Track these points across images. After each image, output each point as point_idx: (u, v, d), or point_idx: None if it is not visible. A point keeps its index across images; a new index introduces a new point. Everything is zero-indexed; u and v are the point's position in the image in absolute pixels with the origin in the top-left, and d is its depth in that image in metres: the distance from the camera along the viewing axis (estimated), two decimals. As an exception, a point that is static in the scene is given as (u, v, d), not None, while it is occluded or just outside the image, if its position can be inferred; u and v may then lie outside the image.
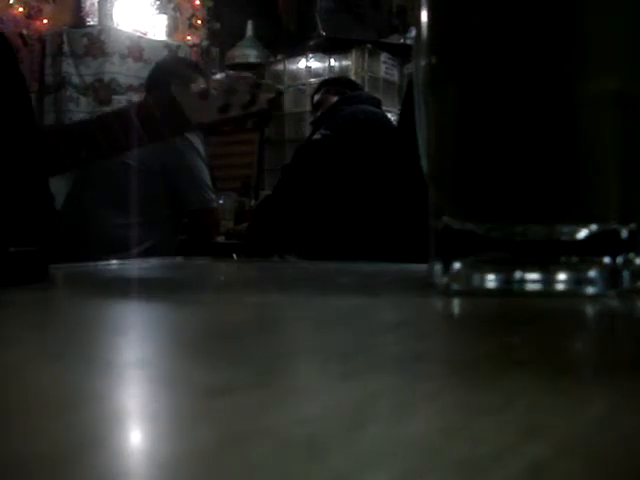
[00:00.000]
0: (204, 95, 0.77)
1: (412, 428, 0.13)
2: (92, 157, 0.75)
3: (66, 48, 3.42)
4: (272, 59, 3.99)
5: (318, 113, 2.19)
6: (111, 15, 3.59)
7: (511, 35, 0.34)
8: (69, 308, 0.35)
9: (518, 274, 0.34)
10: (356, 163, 1.88)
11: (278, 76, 3.90)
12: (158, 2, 3.86)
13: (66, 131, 0.75)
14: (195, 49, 4.03)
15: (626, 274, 0.34)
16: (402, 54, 3.74)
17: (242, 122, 0.84)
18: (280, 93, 0.78)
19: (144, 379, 0.18)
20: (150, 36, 3.76)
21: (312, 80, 3.64)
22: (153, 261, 0.70)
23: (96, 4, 3.58)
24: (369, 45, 3.68)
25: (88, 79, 3.46)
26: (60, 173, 0.79)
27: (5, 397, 0.16)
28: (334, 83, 2.30)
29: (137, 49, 3.61)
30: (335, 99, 2.13)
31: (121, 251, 1.72)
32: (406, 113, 1.32)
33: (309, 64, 3.83)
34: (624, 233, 0.34)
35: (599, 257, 0.34)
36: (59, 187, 1.68)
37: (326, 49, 3.77)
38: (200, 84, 2.12)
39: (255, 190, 3.07)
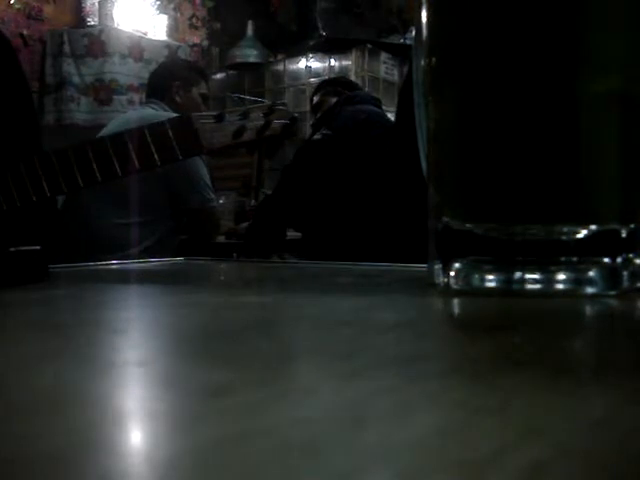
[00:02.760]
0: (219, 118, 0.76)
1: (412, 428, 0.13)
2: (106, 179, 0.75)
3: (67, 48, 3.42)
4: (272, 59, 3.99)
5: (318, 115, 2.19)
6: (111, 15, 3.59)
7: (512, 35, 0.34)
8: (69, 308, 0.35)
9: (518, 274, 0.34)
10: (357, 163, 1.88)
11: (278, 76, 3.90)
12: (158, 2, 3.86)
13: (80, 149, 0.75)
14: (195, 49, 4.03)
15: (626, 274, 0.34)
16: (402, 54, 3.74)
17: (253, 147, 0.84)
18: (294, 119, 0.77)
19: (144, 379, 0.18)
20: (151, 36, 3.75)
21: (312, 80, 3.64)
22: (153, 261, 0.70)
23: (97, 4, 3.58)
24: (369, 45, 3.68)
25: (89, 79, 3.46)
26: (72, 192, 0.79)
27: (5, 397, 0.16)
28: (332, 84, 2.29)
29: (138, 49, 3.61)
30: (334, 100, 2.12)
31: (121, 251, 1.72)
32: (402, 111, 1.32)
33: (309, 64, 3.83)
34: (624, 233, 0.34)
35: (599, 257, 0.34)
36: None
37: (326, 49, 3.76)
38: (202, 87, 2.12)
39: (255, 190, 3.07)
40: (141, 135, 0.75)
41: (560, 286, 0.33)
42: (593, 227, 0.34)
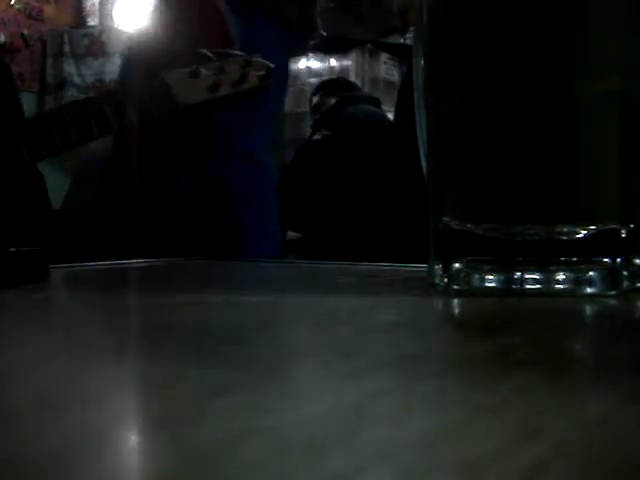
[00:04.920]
0: (194, 74, 0.76)
1: (412, 428, 0.13)
2: (83, 140, 0.75)
3: (67, 48, 3.42)
4: (272, 59, 3.99)
5: (317, 115, 2.19)
6: (112, 15, 3.59)
7: (511, 35, 0.34)
8: (69, 308, 0.35)
9: (518, 274, 0.34)
10: (356, 163, 1.88)
11: (278, 76, 3.89)
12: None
13: (57, 114, 0.75)
14: (195, 49, 4.03)
15: (626, 274, 0.34)
16: (402, 54, 3.74)
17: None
18: (271, 71, 0.77)
19: (144, 379, 0.18)
20: (150, 36, 3.75)
21: (312, 80, 3.64)
22: (153, 261, 0.70)
23: (97, 4, 3.58)
24: (369, 45, 3.68)
25: (89, 79, 3.46)
26: (52, 156, 0.80)
27: (5, 397, 0.16)
28: (332, 85, 2.30)
29: (137, 49, 3.61)
30: (334, 100, 2.13)
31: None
32: (401, 111, 1.32)
33: (309, 64, 3.82)
34: (624, 233, 0.34)
35: (599, 257, 0.34)
36: (59, 185, 1.68)
37: (326, 49, 3.76)
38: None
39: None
40: (115, 95, 0.75)
41: (560, 286, 0.33)
42: (593, 227, 0.34)
